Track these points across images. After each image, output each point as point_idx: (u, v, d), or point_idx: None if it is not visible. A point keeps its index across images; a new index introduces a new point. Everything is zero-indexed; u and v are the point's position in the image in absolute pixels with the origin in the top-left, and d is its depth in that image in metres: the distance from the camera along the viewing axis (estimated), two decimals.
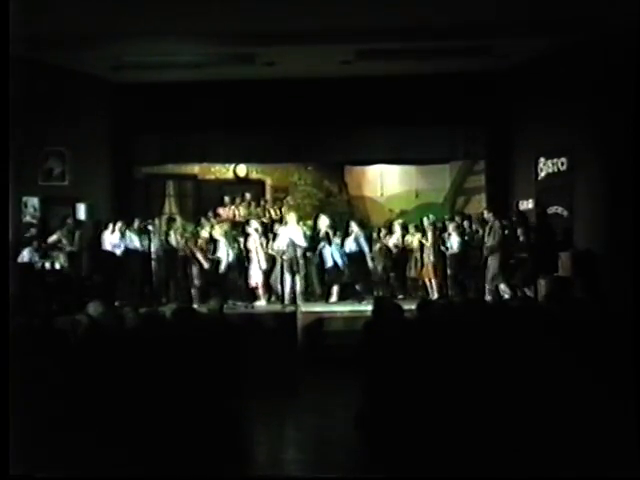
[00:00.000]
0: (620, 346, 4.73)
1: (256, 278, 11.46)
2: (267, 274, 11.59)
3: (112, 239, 11.15)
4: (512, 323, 5.59)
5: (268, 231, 12.02)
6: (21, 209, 11.22)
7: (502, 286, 10.87)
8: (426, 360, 5.15)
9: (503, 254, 10.90)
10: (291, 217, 11.82)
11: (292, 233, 11.37)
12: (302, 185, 15.56)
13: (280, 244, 11.34)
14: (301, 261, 11.34)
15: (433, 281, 11.73)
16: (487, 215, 11.46)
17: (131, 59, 11.29)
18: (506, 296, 10.64)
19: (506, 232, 11.05)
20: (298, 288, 11.20)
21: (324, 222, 11.92)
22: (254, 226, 11.65)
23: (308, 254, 11.76)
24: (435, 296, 11.39)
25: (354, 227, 11.98)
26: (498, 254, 10.90)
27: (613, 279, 9.57)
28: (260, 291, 11.52)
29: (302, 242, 11.36)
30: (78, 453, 4.45)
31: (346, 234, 11.95)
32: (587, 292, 9.51)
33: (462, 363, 4.98)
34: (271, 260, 11.64)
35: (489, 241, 11.03)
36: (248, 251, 11.52)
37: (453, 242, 11.52)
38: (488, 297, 10.73)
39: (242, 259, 11.62)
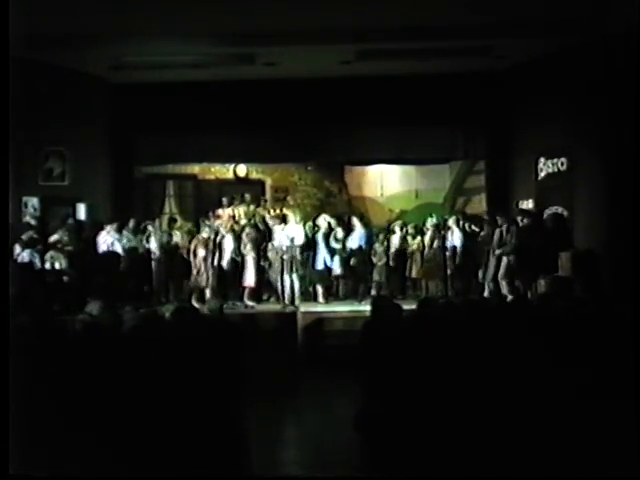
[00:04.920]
0: (621, 346, 4.73)
1: (249, 280, 11.45)
2: (261, 276, 11.58)
3: (109, 239, 11.14)
4: (512, 323, 5.60)
5: (265, 232, 11.98)
6: (21, 209, 11.22)
7: (504, 284, 10.87)
8: (426, 360, 5.15)
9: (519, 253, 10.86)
10: (290, 217, 11.82)
11: (291, 233, 11.38)
12: (302, 185, 15.57)
13: (278, 244, 11.34)
14: (299, 261, 11.33)
15: (433, 281, 11.72)
16: (500, 220, 11.26)
17: (131, 59, 11.29)
18: (509, 295, 10.65)
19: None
20: (297, 288, 11.21)
21: (323, 222, 11.91)
22: (246, 232, 11.62)
23: (305, 254, 11.74)
24: (432, 295, 11.37)
25: (356, 223, 11.99)
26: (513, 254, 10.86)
27: (613, 279, 9.57)
28: (250, 292, 11.48)
29: (300, 242, 11.37)
30: (78, 453, 4.44)
31: (349, 231, 11.95)
32: (587, 292, 9.50)
33: (462, 363, 4.98)
34: (267, 261, 11.63)
35: (505, 250, 10.90)
36: (243, 255, 11.51)
37: (454, 237, 11.49)
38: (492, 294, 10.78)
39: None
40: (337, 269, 11.72)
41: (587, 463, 4.40)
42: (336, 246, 11.66)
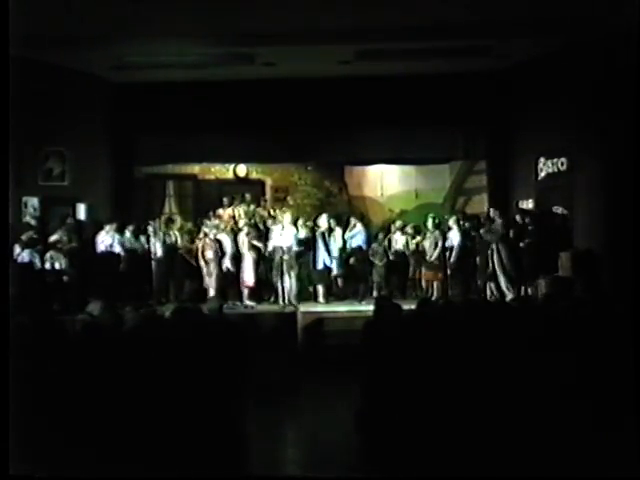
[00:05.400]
0: (621, 346, 4.73)
1: (249, 280, 11.43)
2: (261, 276, 11.56)
3: (107, 240, 11.11)
4: (513, 323, 5.60)
5: (264, 232, 11.97)
6: (21, 209, 11.21)
7: (502, 283, 10.90)
8: (426, 360, 5.15)
9: (505, 251, 10.91)
10: (286, 217, 11.83)
11: (289, 233, 11.39)
12: (302, 185, 15.56)
13: (277, 244, 11.34)
14: (294, 261, 11.33)
15: (434, 281, 11.71)
16: (492, 213, 11.41)
17: (132, 59, 11.28)
18: (509, 295, 10.69)
19: (510, 230, 11.08)
20: (293, 288, 11.20)
21: (323, 222, 11.89)
22: (245, 231, 11.60)
23: (306, 254, 11.74)
24: (435, 296, 11.37)
25: (356, 223, 11.97)
26: (501, 250, 10.92)
27: (613, 279, 9.57)
28: (250, 292, 11.45)
29: (296, 243, 11.37)
30: (78, 453, 4.44)
31: (345, 229, 11.93)
32: (587, 292, 9.51)
33: (462, 363, 4.98)
34: (266, 261, 11.61)
35: (492, 238, 11.01)
36: (242, 255, 11.49)
37: (455, 237, 11.48)
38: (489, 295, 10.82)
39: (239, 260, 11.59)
40: (337, 269, 11.71)
41: (587, 462, 4.40)
42: (336, 246, 11.66)
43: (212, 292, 11.14)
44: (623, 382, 4.47)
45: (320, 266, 11.60)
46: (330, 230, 11.85)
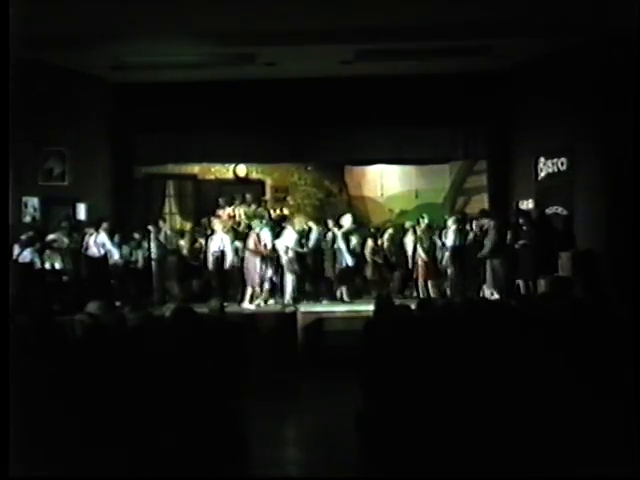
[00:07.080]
0: (620, 346, 4.73)
1: (251, 279, 11.39)
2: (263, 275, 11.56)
3: (89, 241, 11.10)
4: (512, 323, 5.60)
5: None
6: (21, 209, 11.21)
7: (487, 287, 10.93)
8: (425, 360, 5.15)
9: (503, 255, 10.92)
10: (292, 217, 11.83)
11: (292, 233, 11.40)
12: (302, 185, 15.59)
13: (281, 244, 11.34)
14: (295, 262, 11.33)
15: (431, 281, 11.71)
16: (484, 221, 11.38)
17: (131, 59, 11.29)
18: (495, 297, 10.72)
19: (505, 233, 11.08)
20: (290, 288, 11.20)
21: (347, 222, 11.81)
22: (256, 230, 11.56)
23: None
24: (433, 296, 11.36)
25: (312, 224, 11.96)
26: (498, 255, 10.94)
27: (613, 279, 9.58)
28: (250, 291, 11.43)
29: (296, 242, 11.38)
30: (77, 453, 4.44)
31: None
32: (587, 292, 9.51)
33: (462, 363, 4.98)
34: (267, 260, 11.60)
35: (486, 244, 10.99)
36: (245, 254, 11.45)
37: (452, 237, 11.47)
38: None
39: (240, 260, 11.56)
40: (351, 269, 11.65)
41: (587, 462, 4.40)
42: (344, 247, 11.58)
43: (213, 292, 11.14)
44: (623, 382, 4.47)
45: (342, 265, 11.50)
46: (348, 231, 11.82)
